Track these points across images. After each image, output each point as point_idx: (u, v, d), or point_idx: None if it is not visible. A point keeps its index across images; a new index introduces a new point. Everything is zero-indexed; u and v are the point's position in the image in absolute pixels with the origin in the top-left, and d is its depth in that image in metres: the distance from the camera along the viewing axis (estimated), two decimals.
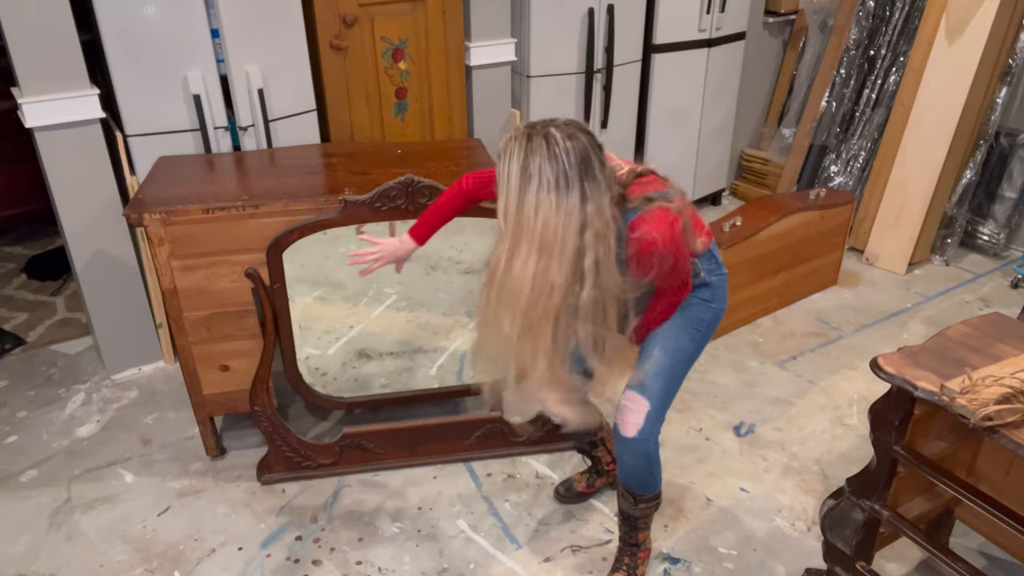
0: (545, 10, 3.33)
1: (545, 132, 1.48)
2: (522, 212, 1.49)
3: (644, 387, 1.87)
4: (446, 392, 2.59)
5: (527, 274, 1.51)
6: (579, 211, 1.48)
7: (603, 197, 1.52)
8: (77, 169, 2.63)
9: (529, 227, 1.49)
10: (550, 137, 1.47)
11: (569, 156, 1.47)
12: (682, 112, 3.98)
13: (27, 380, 2.99)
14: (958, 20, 3.45)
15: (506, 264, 1.52)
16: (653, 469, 1.97)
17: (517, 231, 1.50)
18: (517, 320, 1.55)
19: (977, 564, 2.01)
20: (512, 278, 1.53)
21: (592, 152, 1.51)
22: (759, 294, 3.30)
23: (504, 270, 1.53)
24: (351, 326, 2.88)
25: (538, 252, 1.50)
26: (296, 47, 2.80)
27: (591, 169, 1.50)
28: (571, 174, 1.47)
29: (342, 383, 2.68)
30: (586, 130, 1.53)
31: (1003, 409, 1.48)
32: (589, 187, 1.49)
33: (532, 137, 1.48)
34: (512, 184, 1.49)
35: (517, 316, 1.55)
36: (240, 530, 2.28)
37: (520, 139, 1.49)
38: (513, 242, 1.51)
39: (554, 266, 1.50)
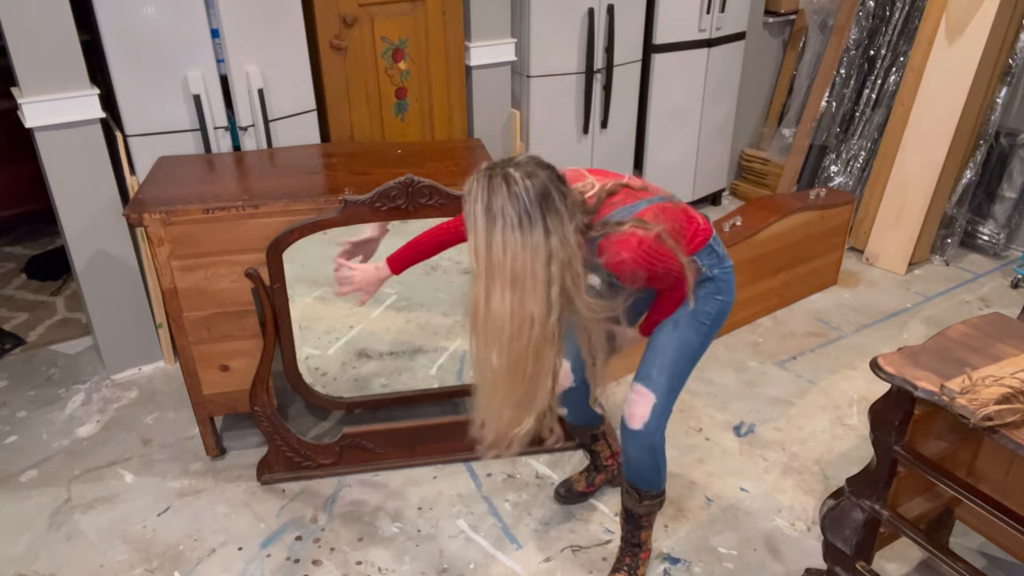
0: (545, 10, 3.33)
1: (504, 172, 1.54)
2: (491, 252, 1.55)
3: (650, 380, 1.90)
4: (446, 392, 2.59)
5: (505, 309, 1.58)
6: (544, 245, 1.55)
7: (566, 228, 1.58)
8: (77, 169, 2.63)
9: (499, 265, 1.55)
10: (509, 177, 1.53)
11: (529, 193, 1.53)
12: (682, 112, 3.98)
13: (27, 380, 2.99)
14: (958, 20, 3.45)
15: (485, 302, 1.59)
16: (659, 465, 1.99)
17: (489, 270, 1.57)
18: (504, 353, 1.62)
19: (977, 564, 2.01)
20: (492, 315, 1.59)
21: (552, 186, 1.56)
22: (759, 294, 3.30)
23: (484, 309, 1.60)
24: (351, 326, 2.88)
25: (511, 287, 1.56)
26: (296, 47, 2.80)
27: (551, 203, 1.55)
28: (532, 211, 1.53)
29: (342, 383, 2.68)
30: (545, 165, 1.59)
31: (1003, 409, 1.48)
32: (551, 221, 1.55)
33: (492, 178, 1.54)
34: (479, 226, 1.55)
35: (503, 349, 1.61)
36: (240, 530, 2.28)
37: (481, 181, 1.55)
38: (488, 281, 1.58)
39: (528, 298, 1.57)
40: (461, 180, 2.37)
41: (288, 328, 2.27)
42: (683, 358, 1.91)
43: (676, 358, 1.90)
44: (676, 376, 1.91)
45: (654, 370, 1.90)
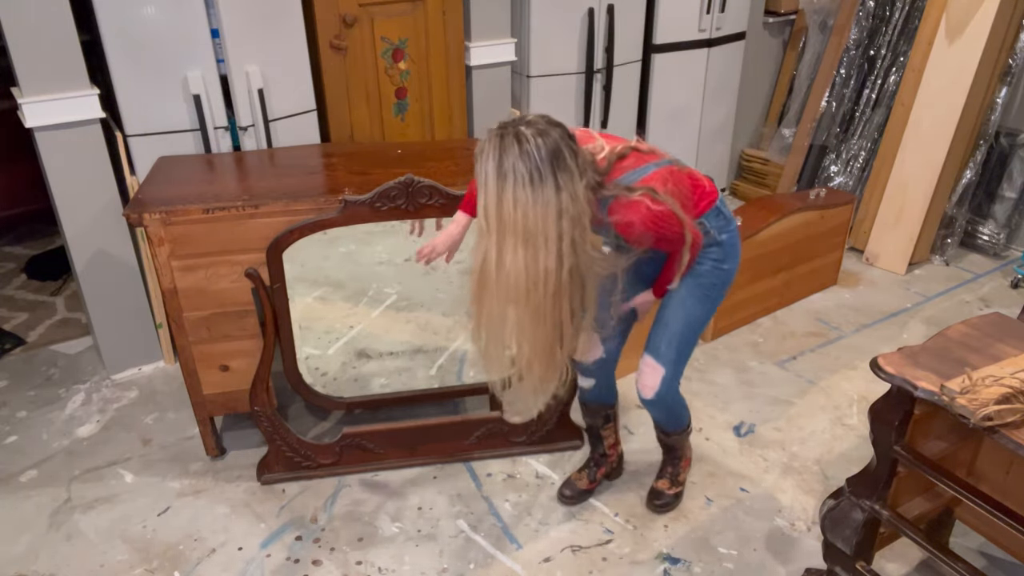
0: (545, 10, 3.33)
1: (516, 131, 1.58)
2: (502, 208, 1.58)
3: (659, 354, 2.03)
4: (446, 392, 2.59)
5: (519, 265, 1.61)
6: (555, 200, 1.58)
7: (576, 185, 1.61)
8: (77, 169, 2.63)
9: (511, 221, 1.58)
10: (520, 135, 1.57)
11: (540, 152, 1.57)
12: (682, 112, 3.98)
13: (27, 380, 2.99)
14: (958, 20, 3.45)
15: (497, 259, 1.62)
16: (679, 414, 2.21)
17: (501, 227, 1.59)
18: (522, 308, 1.65)
19: (977, 564, 2.01)
20: (506, 271, 1.62)
21: (563, 143, 1.61)
22: (759, 294, 3.30)
23: (497, 266, 1.62)
24: (351, 326, 2.88)
25: (523, 243, 1.59)
26: (296, 47, 2.80)
27: (562, 160, 1.59)
28: (543, 168, 1.57)
29: (342, 383, 2.68)
30: (556, 123, 1.64)
31: (1003, 409, 1.48)
32: (562, 178, 1.58)
33: (504, 137, 1.58)
34: (490, 184, 1.58)
35: (521, 302, 1.64)
36: (240, 530, 2.28)
37: (493, 140, 1.59)
38: (499, 238, 1.60)
39: (541, 254, 1.60)
40: (461, 180, 2.39)
41: (288, 328, 2.27)
42: (689, 330, 2.01)
43: (683, 330, 2.00)
44: (683, 347, 2.03)
45: (663, 344, 2.01)
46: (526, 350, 1.73)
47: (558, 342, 1.73)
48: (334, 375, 2.71)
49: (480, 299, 1.71)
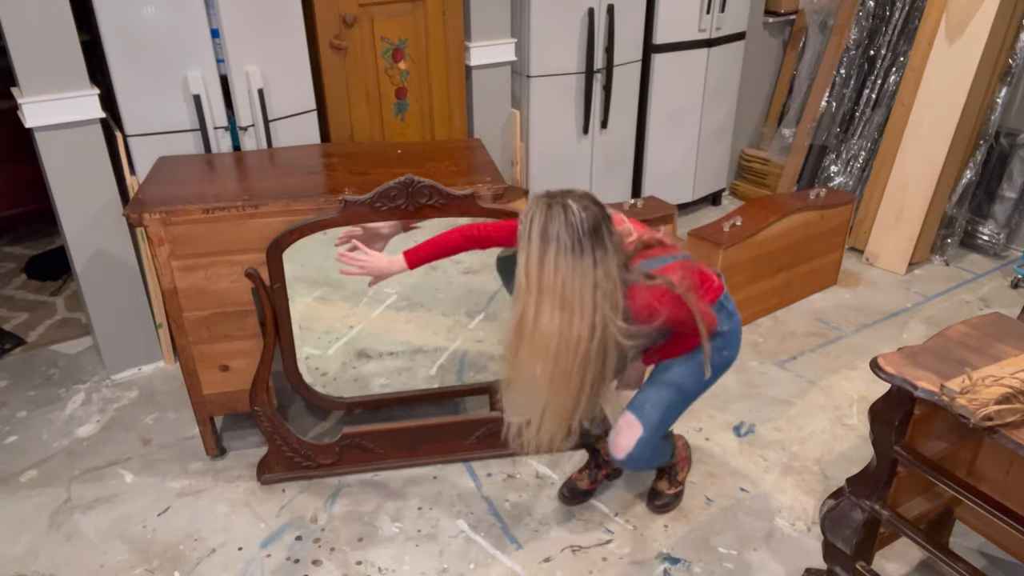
0: (545, 10, 3.33)
1: (563, 202, 1.70)
2: (543, 271, 1.70)
3: (643, 413, 2.02)
4: (446, 392, 2.59)
5: (554, 326, 1.73)
6: (592, 273, 1.70)
7: (610, 262, 1.74)
8: (77, 169, 2.63)
9: (550, 285, 1.70)
10: (567, 207, 1.69)
11: (584, 225, 1.69)
12: (682, 112, 3.98)
13: (27, 380, 2.99)
14: (958, 20, 3.45)
15: (535, 318, 1.74)
16: (655, 461, 2.19)
17: (540, 288, 1.72)
18: (549, 367, 1.76)
19: (977, 564, 2.01)
20: (540, 330, 1.74)
21: (603, 222, 1.72)
22: (759, 294, 3.30)
23: (533, 324, 1.75)
24: (351, 326, 2.88)
25: (560, 307, 1.71)
26: (296, 47, 2.80)
27: (601, 237, 1.71)
28: (584, 241, 1.69)
29: (342, 383, 2.68)
30: (598, 202, 1.75)
31: (1003, 409, 1.48)
32: (599, 253, 1.71)
33: (552, 206, 1.70)
34: (534, 246, 1.70)
35: (549, 363, 1.76)
36: (240, 530, 2.28)
37: (541, 207, 1.71)
38: (538, 299, 1.73)
39: (575, 319, 1.72)
40: (461, 180, 2.39)
41: (288, 328, 2.27)
42: (679, 400, 2.04)
43: (672, 398, 2.03)
44: (667, 414, 2.04)
45: (648, 404, 2.03)
46: (544, 406, 1.83)
47: (575, 406, 1.82)
48: (334, 375, 2.71)
49: (515, 350, 1.82)
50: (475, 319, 2.80)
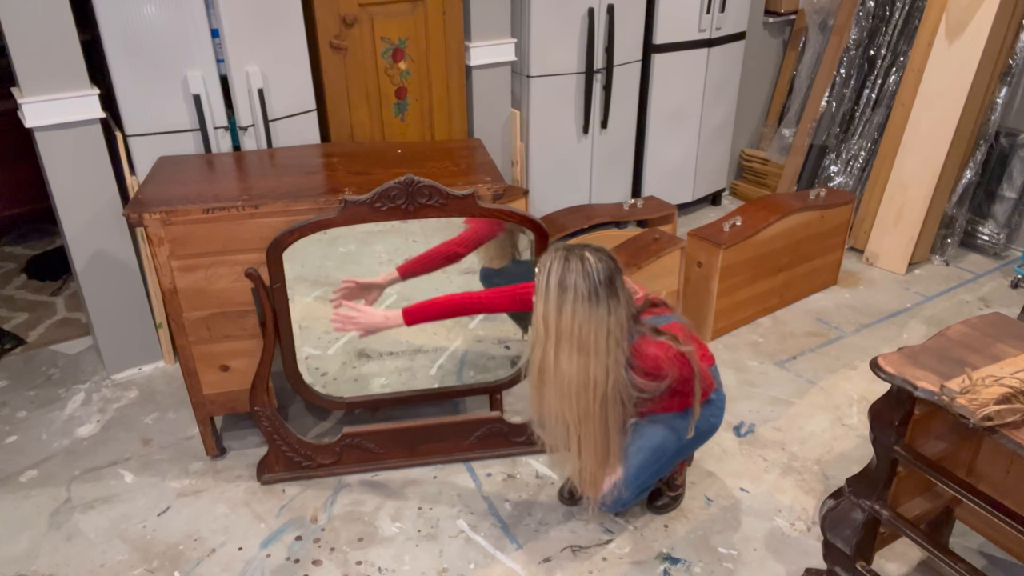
0: (545, 10, 3.33)
1: (580, 254, 1.82)
2: (561, 318, 1.82)
3: (624, 455, 2.05)
4: (446, 392, 2.59)
5: (572, 368, 1.85)
6: (606, 321, 1.82)
7: (621, 313, 1.85)
8: (77, 169, 2.63)
9: (568, 330, 1.82)
10: (584, 258, 1.82)
11: (600, 275, 1.81)
12: (682, 112, 3.98)
13: (27, 380, 2.99)
14: (958, 20, 3.45)
15: (555, 362, 1.86)
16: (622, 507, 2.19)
17: (558, 334, 1.83)
18: (573, 407, 1.89)
19: (977, 564, 2.01)
20: (561, 372, 1.86)
21: (616, 275, 1.85)
22: (759, 294, 3.30)
23: (554, 366, 1.86)
24: None
25: (578, 351, 1.83)
26: (296, 47, 2.80)
27: (615, 289, 1.84)
28: (600, 290, 1.81)
29: (342, 383, 2.68)
30: (612, 256, 1.87)
31: (1003, 409, 1.48)
32: (612, 303, 1.83)
33: (569, 258, 1.82)
34: (552, 294, 1.82)
35: (572, 403, 1.88)
36: (240, 530, 2.28)
37: (559, 257, 1.83)
38: (556, 343, 1.84)
39: (592, 363, 1.84)
40: (461, 180, 2.39)
41: (288, 328, 2.27)
42: (661, 452, 2.08)
43: (655, 447, 2.07)
44: (647, 463, 2.07)
45: (632, 448, 2.06)
46: (577, 443, 1.95)
47: (605, 443, 1.95)
48: (334, 375, 2.71)
49: (540, 391, 1.94)
50: (475, 319, 2.80)
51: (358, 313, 2.23)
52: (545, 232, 2.28)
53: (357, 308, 2.25)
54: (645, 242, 3.03)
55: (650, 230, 3.22)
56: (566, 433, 1.95)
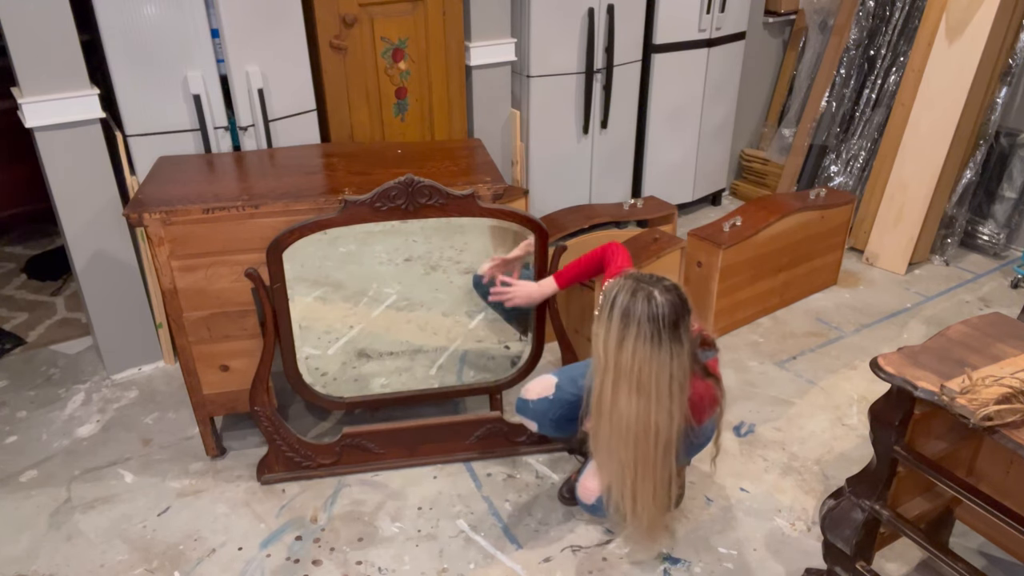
0: (545, 10, 3.33)
1: (648, 291, 1.74)
2: (621, 353, 1.75)
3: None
4: (446, 392, 2.59)
5: (632, 411, 1.79)
6: (668, 365, 1.75)
7: (685, 357, 1.78)
8: (77, 169, 2.63)
9: (627, 368, 1.75)
10: (652, 297, 1.74)
11: (665, 319, 1.73)
12: (682, 112, 3.98)
13: (27, 380, 2.99)
14: (958, 20, 3.45)
15: (612, 398, 1.80)
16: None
17: (617, 369, 1.77)
18: (631, 452, 1.83)
19: (977, 564, 2.01)
20: (619, 412, 1.80)
21: (682, 318, 1.77)
22: (759, 294, 3.30)
23: (611, 403, 1.81)
24: (351, 326, 2.88)
25: (637, 392, 1.77)
26: (296, 47, 2.80)
27: (679, 333, 1.76)
28: (664, 334, 1.73)
29: (342, 383, 2.68)
30: (682, 296, 1.79)
31: (1003, 409, 1.48)
32: (675, 348, 1.75)
33: (637, 292, 1.74)
34: (615, 326, 1.75)
35: (631, 448, 1.82)
36: (240, 530, 2.28)
37: (627, 288, 1.76)
38: (615, 378, 1.78)
39: (652, 407, 1.77)
40: (461, 180, 2.39)
41: (288, 328, 2.27)
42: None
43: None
44: None
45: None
46: (632, 488, 1.89)
47: (664, 490, 1.90)
48: (334, 375, 2.71)
49: (597, 425, 1.89)
50: (475, 319, 2.80)
51: (515, 286, 2.26)
52: (545, 232, 2.28)
53: (512, 281, 2.27)
54: (645, 242, 3.03)
55: (650, 230, 3.22)
56: (621, 475, 1.88)
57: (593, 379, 1.87)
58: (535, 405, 2.16)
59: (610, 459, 1.89)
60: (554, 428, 2.20)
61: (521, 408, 2.20)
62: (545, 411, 2.15)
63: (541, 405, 2.15)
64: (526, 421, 2.21)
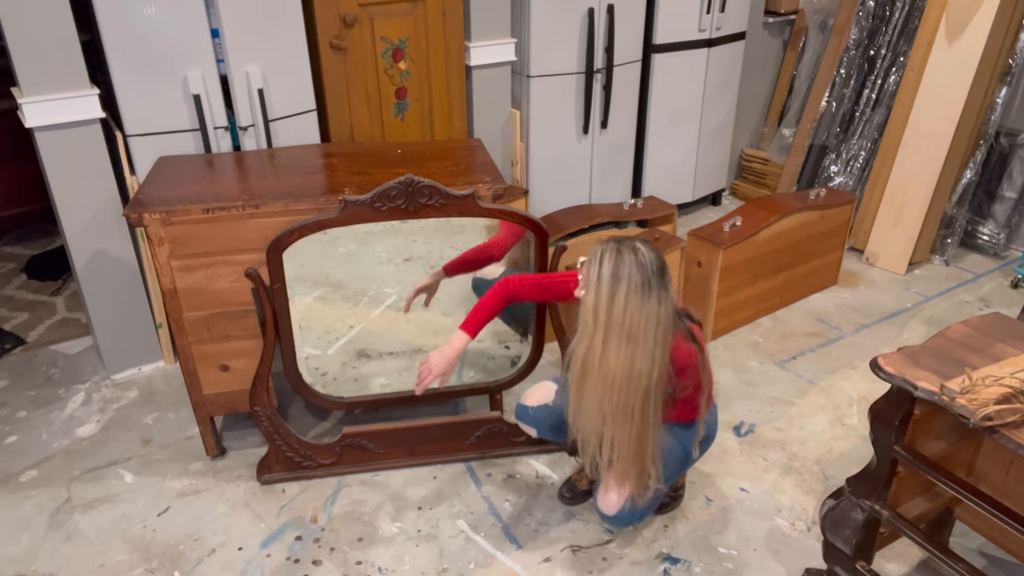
0: (545, 10, 3.33)
1: (632, 245, 1.83)
2: (612, 308, 1.80)
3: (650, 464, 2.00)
4: (446, 392, 2.59)
5: (620, 360, 1.82)
6: (656, 310, 1.82)
7: (670, 303, 1.86)
8: (77, 169, 2.63)
9: (619, 321, 1.80)
10: (636, 249, 1.81)
11: (652, 266, 1.81)
12: (682, 112, 3.98)
13: (27, 380, 2.99)
14: (958, 20, 3.45)
15: (601, 353, 1.84)
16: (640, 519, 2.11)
17: (608, 324, 1.82)
18: (614, 400, 1.86)
19: (977, 564, 2.01)
20: (607, 364, 1.84)
21: (665, 266, 1.85)
22: (759, 294, 3.30)
23: (600, 358, 1.84)
24: (351, 326, 2.88)
25: (627, 341, 1.81)
26: (296, 47, 2.80)
27: (665, 279, 1.84)
28: (653, 280, 1.81)
29: (342, 383, 2.68)
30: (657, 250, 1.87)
31: (1003, 409, 1.48)
32: (663, 293, 1.83)
33: (621, 248, 1.82)
34: (604, 285, 1.81)
35: (614, 396, 1.86)
36: (240, 530, 2.28)
37: (611, 248, 1.83)
38: (605, 334, 1.82)
39: (639, 354, 1.82)
40: (461, 180, 2.39)
41: (288, 328, 2.27)
42: (668, 464, 2.04)
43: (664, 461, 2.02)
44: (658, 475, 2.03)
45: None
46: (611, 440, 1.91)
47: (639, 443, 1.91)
48: (334, 375, 2.71)
49: (581, 385, 1.91)
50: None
51: (428, 363, 2.15)
52: (545, 232, 2.28)
53: (427, 363, 2.15)
54: None
55: (650, 230, 3.22)
56: (600, 428, 1.92)
57: (577, 346, 1.89)
58: (535, 412, 2.17)
59: (593, 416, 1.91)
60: (553, 433, 2.20)
61: (521, 414, 2.21)
62: (544, 417, 2.16)
63: (541, 412, 2.16)
64: (525, 427, 2.22)
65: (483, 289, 2.44)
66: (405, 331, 2.89)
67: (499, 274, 2.51)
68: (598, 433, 1.93)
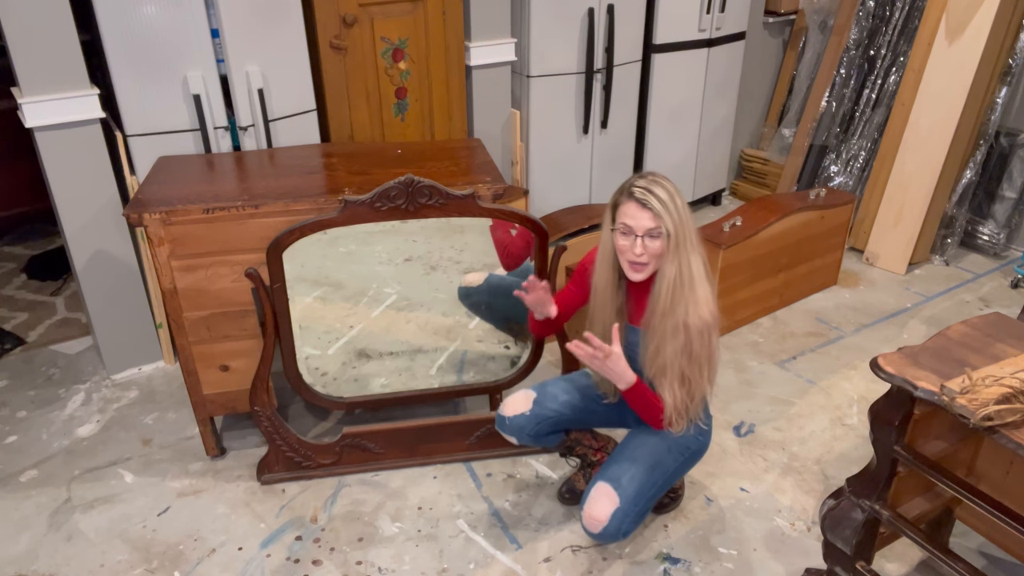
0: (545, 10, 3.33)
1: (654, 175, 1.87)
2: (685, 220, 1.85)
3: (619, 485, 1.97)
4: (446, 392, 2.59)
5: (700, 270, 1.89)
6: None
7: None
8: (77, 169, 2.63)
9: (690, 232, 1.86)
10: (659, 176, 1.87)
11: (667, 178, 1.88)
12: (682, 112, 3.98)
13: (27, 380, 2.99)
14: (958, 20, 3.45)
15: (689, 270, 1.87)
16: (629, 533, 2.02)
17: (687, 237, 1.85)
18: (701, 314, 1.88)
19: (977, 564, 2.01)
20: (691, 277, 1.87)
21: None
22: (759, 294, 3.30)
23: (689, 275, 1.87)
24: (351, 326, 2.88)
25: (696, 251, 1.89)
26: (296, 47, 2.80)
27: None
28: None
29: (342, 383, 2.68)
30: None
31: (1003, 409, 1.48)
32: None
33: (653, 178, 1.86)
34: (672, 201, 1.83)
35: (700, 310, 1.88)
36: (240, 530, 2.28)
37: (648, 180, 1.85)
38: (688, 250, 1.86)
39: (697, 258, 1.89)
40: (461, 180, 2.39)
41: (288, 328, 2.28)
42: (655, 475, 2.01)
43: (648, 473, 1.99)
44: (644, 490, 1.99)
45: (624, 477, 1.98)
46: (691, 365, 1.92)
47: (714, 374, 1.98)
48: (334, 375, 2.71)
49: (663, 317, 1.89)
50: (475, 319, 2.79)
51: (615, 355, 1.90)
52: (545, 232, 2.28)
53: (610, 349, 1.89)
54: None
55: None
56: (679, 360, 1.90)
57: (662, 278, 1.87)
58: (511, 421, 2.15)
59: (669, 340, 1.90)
60: (534, 441, 2.19)
61: (499, 424, 2.19)
62: (522, 427, 2.14)
63: (518, 421, 2.14)
64: (505, 436, 2.21)
65: (470, 297, 2.43)
66: (405, 331, 2.89)
67: (481, 280, 2.50)
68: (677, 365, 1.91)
